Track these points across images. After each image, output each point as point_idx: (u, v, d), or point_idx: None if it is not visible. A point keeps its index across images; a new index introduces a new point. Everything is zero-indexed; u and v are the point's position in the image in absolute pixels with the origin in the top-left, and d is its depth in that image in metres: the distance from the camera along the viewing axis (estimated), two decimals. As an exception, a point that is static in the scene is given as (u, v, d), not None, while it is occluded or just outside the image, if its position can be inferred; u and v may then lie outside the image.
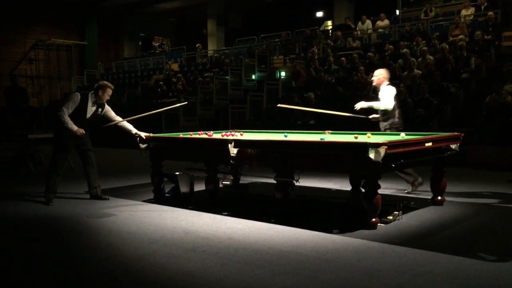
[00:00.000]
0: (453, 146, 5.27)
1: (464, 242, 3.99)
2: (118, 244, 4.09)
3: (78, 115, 5.74)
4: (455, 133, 5.48)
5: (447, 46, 11.49)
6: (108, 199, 6.07)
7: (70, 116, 5.70)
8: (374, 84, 6.42)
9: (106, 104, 6.01)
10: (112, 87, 5.99)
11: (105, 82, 6.08)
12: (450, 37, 12.62)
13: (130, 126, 6.10)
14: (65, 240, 4.37)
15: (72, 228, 4.76)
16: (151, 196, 6.12)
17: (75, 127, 5.65)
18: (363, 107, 6.16)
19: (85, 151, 6.02)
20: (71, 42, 24.50)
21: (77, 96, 5.80)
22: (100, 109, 5.93)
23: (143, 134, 6.00)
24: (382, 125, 6.18)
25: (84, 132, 5.73)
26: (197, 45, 20.73)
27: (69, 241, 4.32)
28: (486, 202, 5.57)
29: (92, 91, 5.83)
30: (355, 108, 6.17)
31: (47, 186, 5.86)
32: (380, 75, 6.25)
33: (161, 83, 17.07)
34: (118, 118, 6.10)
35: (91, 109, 5.83)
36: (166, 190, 6.27)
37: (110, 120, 6.06)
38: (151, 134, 6.07)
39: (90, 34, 25.14)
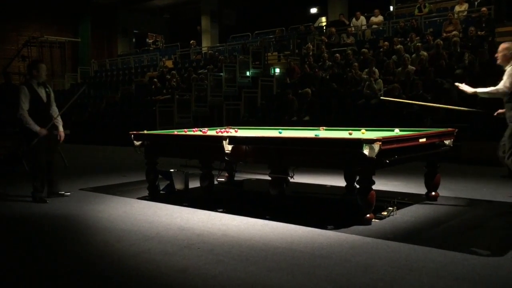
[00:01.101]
0: (447, 142, 5.30)
1: (458, 237, 4.02)
2: (113, 242, 4.09)
3: (37, 104, 5.75)
4: (449, 129, 5.50)
5: (441, 42, 11.52)
6: (64, 195, 6.00)
7: (31, 108, 5.67)
8: (498, 62, 5.38)
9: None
10: (42, 61, 5.98)
11: (34, 59, 6.12)
12: (443, 33, 12.65)
13: (57, 122, 5.99)
14: (60, 238, 4.36)
15: (66, 226, 4.74)
16: (146, 193, 6.12)
17: (37, 127, 5.65)
18: (467, 91, 5.31)
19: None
20: (64, 39, 24.40)
21: (24, 89, 5.76)
22: (47, 89, 5.96)
23: (61, 133, 5.97)
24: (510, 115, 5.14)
25: (47, 132, 5.70)
26: (191, 42, 20.67)
27: (64, 239, 4.32)
28: (480, 198, 5.60)
29: (28, 76, 5.81)
30: (459, 88, 5.41)
31: (35, 187, 5.80)
32: (506, 50, 5.21)
33: (155, 80, 17.02)
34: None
35: (41, 92, 5.84)
36: (161, 187, 6.26)
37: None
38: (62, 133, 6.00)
39: (84, 31, 25.01)
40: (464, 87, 5.40)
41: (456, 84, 5.48)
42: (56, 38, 23.99)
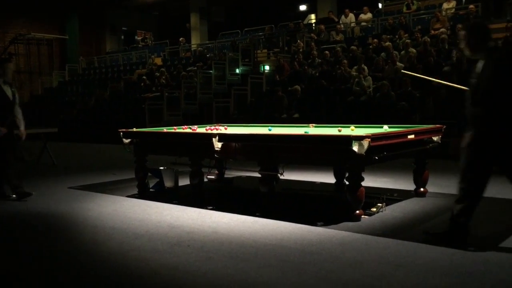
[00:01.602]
0: (435, 138, 5.34)
1: (446, 233, 4.05)
2: (103, 240, 4.07)
3: (3, 102, 5.70)
4: (437, 125, 5.54)
5: (428, 39, 11.60)
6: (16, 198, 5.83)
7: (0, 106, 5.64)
8: None
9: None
10: (10, 60, 5.91)
11: (1, 58, 6.03)
12: (431, 30, 12.73)
13: (19, 122, 5.93)
14: (49, 236, 4.33)
15: (55, 224, 4.71)
16: (136, 191, 6.09)
17: None
18: None
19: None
20: (52, 36, 24.16)
21: None
22: (12, 88, 5.91)
23: (22, 133, 5.92)
24: None
25: (6, 131, 5.64)
26: (180, 39, 20.59)
27: (53, 237, 4.28)
28: (468, 193, 5.64)
29: None
30: None
31: (12, 185, 5.74)
32: None
33: (144, 77, 16.94)
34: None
35: (8, 90, 5.79)
36: (151, 185, 6.24)
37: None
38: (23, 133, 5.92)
39: (71, 28, 24.77)
40: None
41: None
42: (43, 35, 23.75)
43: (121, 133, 6.03)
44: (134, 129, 6.18)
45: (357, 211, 4.43)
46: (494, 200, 5.31)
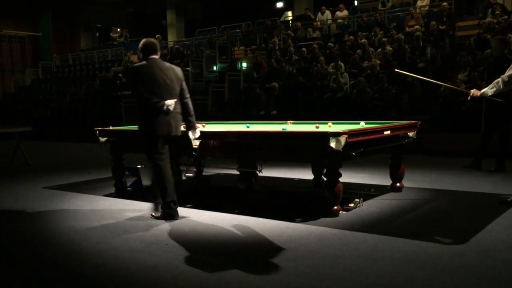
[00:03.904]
0: (410, 134, 5.42)
1: (422, 226, 4.13)
2: (79, 240, 4.01)
3: None
4: (412, 121, 5.62)
5: (402, 37, 11.76)
6: None
7: None
8: None
9: None
10: None
11: None
12: (406, 28, 12.91)
13: None
14: (23, 238, 4.24)
15: (30, 225, 4.62)
16: (112, 190, 6.02)
17: None
18: (477, 95, 5.08)
19: None
20: (24, 33, 23.66)
21: None
22: None
23: None
24: None
25: None
26: (156, 36, 20.37)
27: (28, 239, 4.20)
28: (442, 188, 5.76)
29: None
30: (471, 97, 5.15)
31: None
32: None
33: (120, 75, 16.71)
34: None
35: None
36: (128, 184, 6.17)
37: None
38: None
39: (44, 25, 24.26)
40: (474, 92, 5.12)
41: (469, 98, 5.27)
42: (15, 32, 23.23)
43: (97, 132, 5.95)
44: (111, 128, 6.10)
45: (335, 207, 4.47)
46: (470, 193, 5.43)
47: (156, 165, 4.51)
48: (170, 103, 4.44)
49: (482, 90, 5.05)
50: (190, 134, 4.75)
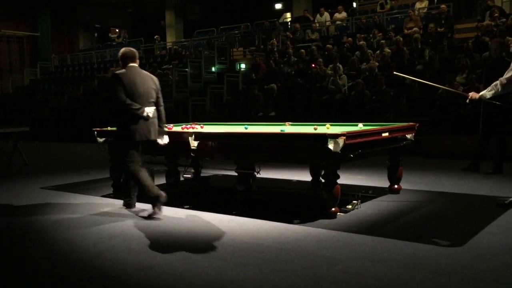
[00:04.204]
0: (408, 136, 5.43)
1: (420, 229, 4.13)
2: (77, 241, 4.00)
3: None
4: (411, 123, 5.63)
5: (401, 39, 11.78)
6: None
7: None
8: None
9: None
10: None
11: None
12: (405, 30, 12.93)
13: None
14: (20, 238, 4.23)
15: (27, 225, 4.61)
16: (110, 191, 6.01)
17: None
18: (476, 98, 5.04)
19: None
20: (23, 33, 23.63)
21: None
22: None
23: None
24: None
25: None
26: (155, 37, 20.39)
27: (25, 239, 4.19)
28: (441, 190, 5.77)
29: None
30: (470, 100, 5.11)
31: None
32: None
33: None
34: None
35: None
36: (126, 185, 6.16)
37: None
38: None
39: (43, 25, 24.23)
40: (472, 94, 5.09)
41: (467, 101, 5.26)
42: (14, 32, 23.20)
43: (96, 132, 5.94)
44: (109, 128, 6.09)
45: (333, 209, 4.47)
46: (468, 195, 5.43)
47: (129, 168, 4.70)
48: (150, 110, 4.68)
49: (481, 93, 5.04)
50: (159, 140, 4.88)
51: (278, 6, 24.20)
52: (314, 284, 2.94)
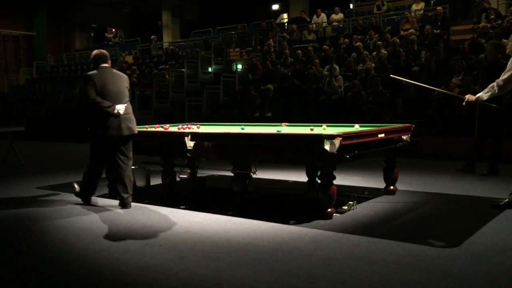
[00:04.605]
0: (404, 137, 5.44)
1: (415, 230, 4.14)
2: (72, 240, 3.99)
3: None
4: (406, 124, 5.64)
5: (397, 40, 11.82)
6: None
7: None
8: (507, 52, 5.03)
9: None
10: None
11: None
12: (401, 31, 12.97)
13: None
14: (15, 238, 4.22)
15: (22, 225, 4.59)
16: (106, 191, 5.99)
17: None
18: (472, 100, 5.01)
19: None
20: (19, 32, 23.56)
21: None
22: None
23: None
24: None
25: None
26: (152, 37, 20.36)
27: (20, 239, 4.18)
28: (436, 191, 5.78)
29: None
30: (466, 102, 5.07)
31: None
32: None
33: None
34: None
35: None
36: (122, 185, 6.14)
37: None
38: None
39: (39, 24, 24.16)
40: (469, 97, 5.05)
41: (463, 104, 5.18)
42: (10, 32, 23.13)
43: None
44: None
45: (329, 209, 4.47)
46: (463, 197, 5.45)
47: (89, 165, 5.13)
48: (120, 107, 4.93)
49: (477, 95, 5.04)
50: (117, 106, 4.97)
51: (275, 7, 24.22)
52: (309, 284, 2.94)
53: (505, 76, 4.77)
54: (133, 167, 6.18)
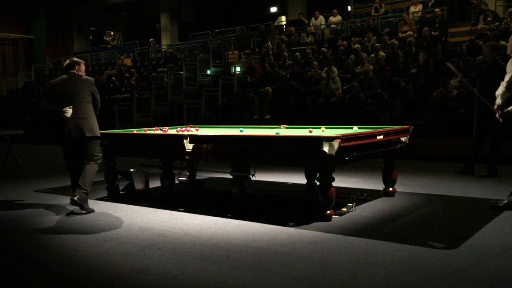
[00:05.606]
0: (403, 139, 5.45)
1: (414, 231, 4.14)
2: (71, 244, 3.99)
3: None
4: (405, 126, 5.65)
5: (396, 42, 11.84)
6: None
7: None
8: (508, 52, 4.93)
9: None
10: None
11: None
12: (399, 33, 13.00)
13: None
14: (14, 241, 4.21)
15: (21, 228, 4.58)
16: (105, 194, 6.00)
17: None
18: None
19: None
20: (17, 35, 23.57)
21: None
22: None
23: None
24: None
25: None
26: (150, 40, 20.38)
27: (19, 242, 4.17)
28: (435, 193, 5.79)
29: None
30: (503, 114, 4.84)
31: None
32: None
33: (113, 78, 16.70)
34: None
35: None
36: (121, 187, 6.15)
37: None
38: None
39: (38, 27, 24.18)
40: (501, 112, 4.82)
41: (498, 116, 4.92)
42: (8, 35, 23.14)
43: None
44: (104, 131, 6.08)
45: (328, 211, 4.47)
46: (462, 198, 5.45)
47: (65, 162, 5.34)
48: (66, 109, 5.03)
49: (497, 104, 4.80)
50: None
51: (273, 9, 24.26)
52: (309, 287, 2.94)
53: (508, 78, 4.75)
54: (131, 169, 6.20)
